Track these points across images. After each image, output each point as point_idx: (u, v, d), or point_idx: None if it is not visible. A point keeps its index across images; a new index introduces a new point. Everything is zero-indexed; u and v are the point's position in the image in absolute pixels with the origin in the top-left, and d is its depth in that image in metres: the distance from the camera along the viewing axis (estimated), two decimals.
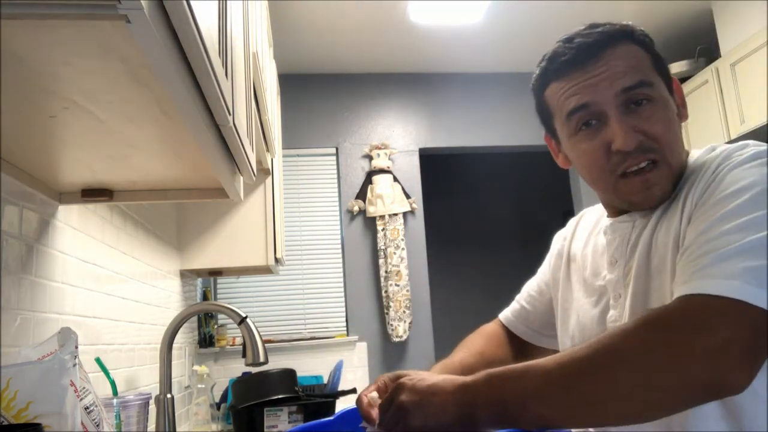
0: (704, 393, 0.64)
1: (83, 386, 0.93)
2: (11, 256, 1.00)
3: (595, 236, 0.98)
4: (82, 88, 0.68)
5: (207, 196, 1.21)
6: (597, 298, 0.93)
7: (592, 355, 0.66)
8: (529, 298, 1.14)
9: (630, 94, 0.83)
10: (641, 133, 0.82)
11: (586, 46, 0.85)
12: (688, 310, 0.66)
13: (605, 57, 0.84)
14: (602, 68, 0.83)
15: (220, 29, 0.78)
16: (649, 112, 0.82)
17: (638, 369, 0.64)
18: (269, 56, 2.27)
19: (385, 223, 3.60)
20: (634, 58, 0.85)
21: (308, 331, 3.55)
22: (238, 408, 1.82)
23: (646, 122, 0.82)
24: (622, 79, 0.82)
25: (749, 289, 0.63)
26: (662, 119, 0.83)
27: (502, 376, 0.70)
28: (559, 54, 0.88)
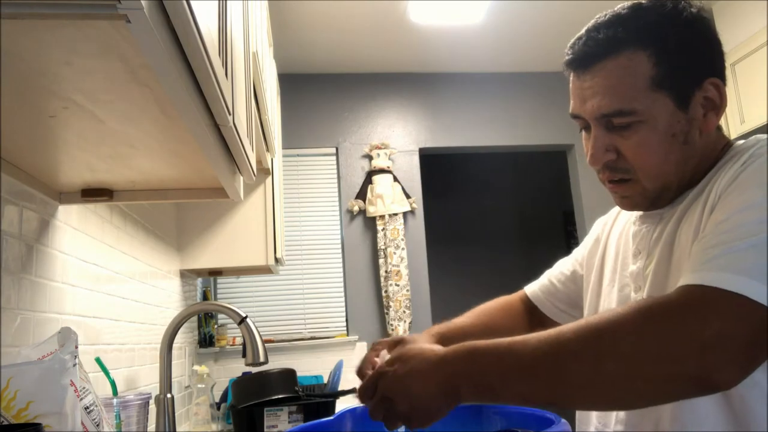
0: (690, 387, 0.62)
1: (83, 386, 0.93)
2: (11, 256, 1.00)
3: (629, 226, 0.96)
4: (82, 87, 0.68)
5: (207, 196, 1.21)
6: (620, 288, 0.92)
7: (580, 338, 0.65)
8: (561, 276, 1.13)
9: (607, 119, 0.82)
10: (615, 152, 0.84)
11: (583, 54, 0.84)
12: (687, 300, 0.64)
13: (594, 71, 0.82)
14: (589, 84, 0.83)
15: (220, 29, 0.78)
16: (628, 134, 0.82)
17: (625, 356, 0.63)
18: (269, 56, 2.27)
19: (385, 223, 3.60)
20: (625, 75, 0.80)
21: (308, 331, 3.55)
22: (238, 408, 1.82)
23: (623, 143, 0.82)
24: (600, 103, 0.82)
25: (755, 285, 0.61)
26: (640, 142, 0.81)
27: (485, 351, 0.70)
28: (570, 47, 0.87)
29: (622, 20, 0.82)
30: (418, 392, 0.71)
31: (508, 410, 0.88)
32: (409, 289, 3.55)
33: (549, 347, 0.66)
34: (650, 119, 0.80)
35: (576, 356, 0.65)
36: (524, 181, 5.65)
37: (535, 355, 0.66)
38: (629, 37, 0.80)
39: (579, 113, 0.86)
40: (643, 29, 0.81)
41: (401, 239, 3.61)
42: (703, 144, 0.84)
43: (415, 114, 3.91)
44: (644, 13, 0.82)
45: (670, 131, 0.81)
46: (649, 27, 0.81)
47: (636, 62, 0.80)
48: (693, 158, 0.83)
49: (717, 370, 0.60)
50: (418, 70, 3.91)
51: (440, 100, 3.94)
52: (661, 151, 0.81)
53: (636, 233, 0.92)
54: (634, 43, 0.80)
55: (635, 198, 0.86)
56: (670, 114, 0.80)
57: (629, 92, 0.80)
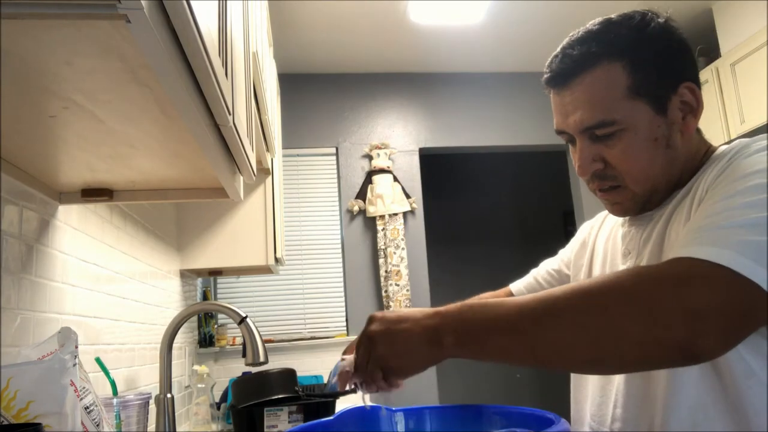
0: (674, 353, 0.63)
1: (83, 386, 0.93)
2: (11, 256, 1.00)
3: (617, 229, 0.99)
4: (82, 87, 0.68)
5: (207, 196, 1.21)
6: None
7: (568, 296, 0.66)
8: (547, 275, 1.15)
9: (590, 131, 0.85)
10: (601, 162, 0.87)
11: (560, 71, 0.87)
12: (674, 269, 0.65)
13: (572, 87, 0.86)
14: (569, 98, 0.86)
15: (220, 29, 0.78)
16: (612, 143, 0.85)
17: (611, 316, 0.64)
18: (269, 56, 2.27)
19: (385, 222, 3.60)
20: (603, 88, 0.83)
21: (308, 331, 3.55)
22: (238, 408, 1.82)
23: (608, 152, 0.85)
24: (582, 117, 0.85)
25: (741, 260, 0.62)
26: (626, 150, 0.84)
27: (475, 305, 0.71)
28: (548, 66, 0.90)
29: (595, 35, 0.85)
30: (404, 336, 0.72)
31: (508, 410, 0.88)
32: (409, 289, 3.55)
33: (537, 303, 0.68)
34: (631, 126, 0.83)
35: (561, 313, 0.66)
36: (524, 181, 5.65)
37: (521, 310, 0.68)
38: (603, 51, 0.84)
39: (563, 129, 0.89)
40: (615, 42, 0.84)
41: (401, 239, 3.61)
42: (686, 147, 0.87)
43: (415, 114, 3.91)
44: (615, 26, 0.85)
45: (651, 136, 0.84)
46: (621, 39, 0.84)
47: (612, 73, 0.83)
48: (678, 160, 0.86)
49: (701, 338, 0.61)
50: (418, 70, 3.91)
51: (440, 100, 3.94)
52: (646, 156, 0.84)
53: (625, 234, 0.94)
54: (608, 56, 0.83)
55: (626, 204, 0.89)
56: (649, 120, 0.83)
57: (608, 103, 0.83)
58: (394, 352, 0.73)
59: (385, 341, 0.73)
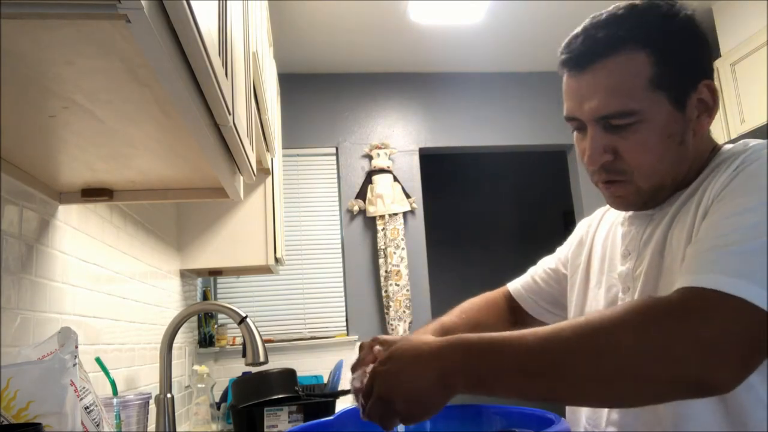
0: (690, 388, 0.62)
1: (83, 386, 0.93)
2: (11, 255, 1.00)
3: (617, 227, 0.96)
4: (82, 87, 0.68)
5: (207, 196, 1.21)
6: (607, 289, 0.93)
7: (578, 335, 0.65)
8: (544, 275, 1.13)
9: (606, 121, 0.82)
10: (612, 153, 0.83)
11: (580, 53, 0.83)
12: (687, 301, 0.64)
13: (594, 70, 0.81)
14: (587, 83, 0.82)
15: (220, 29, 0.78)
16: (627, 134, 0.81)
17: (624, 354, 0.62)
18: (269, 56, 2.27)
19: (385, 222, 3.60)
20: (626, 75, 0.79)
21: (308, 330, 3.55)
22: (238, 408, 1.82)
23: (621, 143, 0.82)
24: (600, 104, 0.81)
25: (754, 289, 0.61)
26: (641, 142, 0.81)
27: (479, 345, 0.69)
28: (566, 47, 0.86)
29: (621, 20, 0.82)
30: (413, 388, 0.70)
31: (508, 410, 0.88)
32: (409, 289, 3.55)
33: (547, 343, 0.66)
34: (649, 119, 0.80)
35: (574, 353, 0.64)
36: (524, 181, 5.65)
37: (531, 351, 0.66)
38: (629, 36, 0.80)
39: (575, 115, 0.85)
40: (643, 29, 0.80)
41: (401, 239, 3.61)
42: (696, 147, 0.84)
43: (415, 114, 3.91)
44: (642, 13, 0.82)
45: (667, 132, 0.81)
46: (648, 27, 0.80)
47: (636, 62, 0.79)
48: (686, 159, 0.84)
49: (717, 371, 0.60)
50: (418, 70, 3.91)
51: (440, 100, 3.94)
52: (659, 151, 0.81)
53: (625, 234, 0.92)
54: (633, 43, 0.79)
55: (629, 197, 0.86)
56: (667, 114, 0.80)
57: (629, 92, 0.79)
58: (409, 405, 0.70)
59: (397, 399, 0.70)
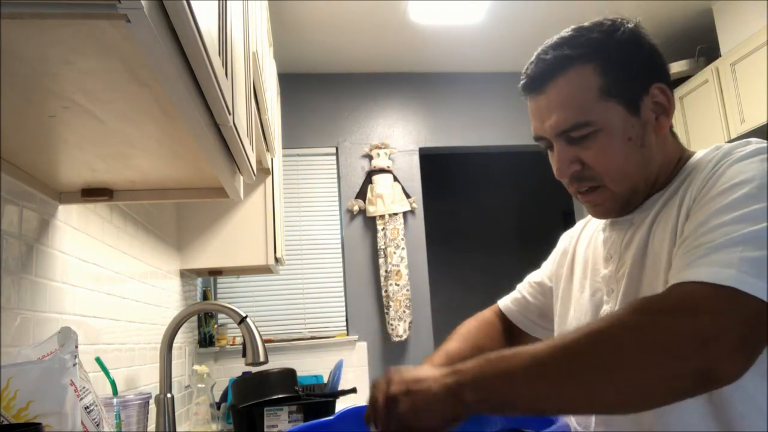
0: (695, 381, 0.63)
1: (83, 386, 0.93)
2: (11, 255, 1.01)
3: (597, 233, 1.00)
4: (81, 87, 0.68)
5: (207, 196, 1.21)
6: (592, 293, 0.95)
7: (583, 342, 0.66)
8: (531, 289, 1.16)
9: (567, 135, 0.87)
10: (579, 163, 0.88)
11: (534, 76, 0.90)
12: (680, 296, 0.66)
13: (547, 91, 0.88)
14: (544, 103, 0.89)
15: (220, 29, 0.78)
16: (588, 143, 0.86)
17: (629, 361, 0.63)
18: (269, 56, 2.27)
19: (385, 222, 3.60)
20: (576, 90, 0.85)
21: (308, 330, 3.55)
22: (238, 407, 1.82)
23: (584, 153, 0.87)
24: (558, 120, 0.87)
25: (744, 278, 0.63)
26: (602, 150, 0.85)
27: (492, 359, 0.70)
28: (524, 73, 0.93)
29: (567, 40, 0.88)
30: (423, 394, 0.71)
31: None
32: (409, 289, 3.55)
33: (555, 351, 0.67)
34: (605, 127, 0.85)
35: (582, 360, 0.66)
36: (524, 181, 5.65)
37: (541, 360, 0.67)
38: (575, 54, 0.86)
39: (541, 134, 0.91)
40: (587, 45, 0.87)
41: (401, 239, 3.61)
42: (662, 147, 0.89)
43: (415, 114, 3.91)
44: (586, 32, 0.88)
45: (625, 136, 0.85)
46: (592, 43, 0.87)
47: (584, 76, 0.86)
48: (654, 160, 0.87)
49: (720, 363, 0.61)
50: (418, 70, 3.91)
51: (440, 100, 3.94)
52: (621, 155, 0.85)
53: (606, 239, 0.95)
54: (579, 59, 0.86)
55: (607, 204, 0.90)
56: (623, 120, 0.85)
57: (582, 104, 0.85)
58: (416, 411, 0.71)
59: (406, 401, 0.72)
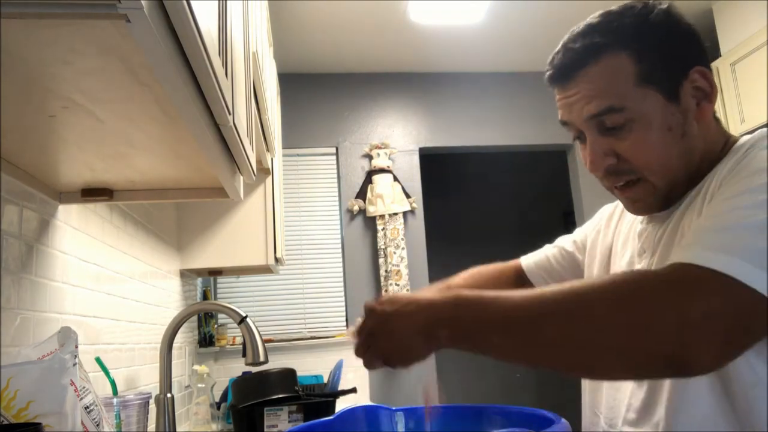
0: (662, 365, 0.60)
1: (83, 386, 0.93)
2: (11, 255, 1.00)
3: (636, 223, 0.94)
4: (81, 87, 0.68)
5: (207, 196, 1.21)
6: None
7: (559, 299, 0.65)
8: (559, 255, 1.12)
9: (598, 120, 0.82)
10: (614, 156, 0.83)
11: (562, 66, 0.84)
12: (675, 276, 0.62)
13: (578, 78, 0.82)
14: (574, 90, 0.83)
15: (220, 29, 0.78)
16: (624, 134, 0.81)
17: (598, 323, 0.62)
18: (269, 56, 2.27)
19: (385, 222, 3.60)
20: (610, 77, 0.80)
21: (308, 330, 3.55)
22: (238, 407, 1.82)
23: (619, 145, 0.82)
24: (590, 105, 0.81)
25: (746, 266, 0.59)
26: (637, 140, 0.80)
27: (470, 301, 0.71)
28: (549, 63, 0.87)
29: (596, 27, 0.83)
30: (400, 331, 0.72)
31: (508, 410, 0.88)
32: (409, 289, 3.55)
33: (529, 304, 0.67)
34: (643, 116, 0.79)
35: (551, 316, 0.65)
36: (524, 181, 5.65)
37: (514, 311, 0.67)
38: (607, 41, 0.81)
39: (568, 120, 0.86)
40: (619, 31, 0.81)
41: (401, 239, 3.61)
42: (704, 135, 0.82)
43: (415, 114, 3.91)
44: (616, 17, 0.83)
45: (665, 125, 0.80)
46: (624, 28, 0.81)
47: (618, 63, 0.80)
48: (696, 150, 0.82)
49: (694, 350, 0.58)
50: (418, 69, 3.91)
51: (440, 100, 3.94)
52: (661, 147, 0.80)
53: (641, 232, 0.90)
54: (612, 46, 0.81)
55: (647, 199, 0.84)
56: (662, 108, 0.80)
57: (617, 91, 0.80)
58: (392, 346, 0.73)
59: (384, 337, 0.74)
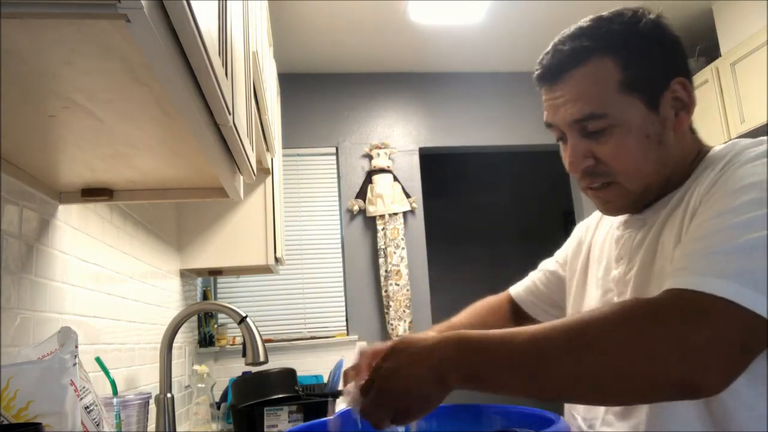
0: (673, 390, 0.63)
1: (83, 386, 0.93)
2: (11, 255, 1.00)
3: (612, 230, 0.97)
4: (81, 87, 0.68)
5: (207, 196, 1.21)
6: (603, 293, 0.94)
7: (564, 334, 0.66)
8: (543, 278, 1.15)
9: (580, 125, 0.84)
10: (593, 158, 0.85)
11: (550, 66, 0.87)
12: (673, 303, 0.64)
13: (565, 80, 0.85)
14: (560, 93, 0.86)
15: (220, 29, 0.78)
16: (604, 138, 0.83)
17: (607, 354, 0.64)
18: (269, 56, 2.27)
19: (385, 222, 3.60)
20: (594, 81, 0.83)
21: (308, 330, 3.55)
22: (238, 407, 1.82)
23: (599, 148, 0.84)
24: (573, 109, 0.84)
25: (741, 290, 0.61)
26: (618, 146, 0.82)
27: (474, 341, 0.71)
28: (539, 63, 0.89)
29: (586, 31, 0.85)
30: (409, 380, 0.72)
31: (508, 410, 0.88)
32: (409, 289, 3.55)
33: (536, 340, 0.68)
34: (623, 122, 0.82)
35: (559, 352, 0.66)
36: (524, 181, 5.65)
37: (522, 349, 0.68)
38: (594, 46, 0.83)
39: (552, 122, 0.88)
40: (607, 37, 0.83)
41: (401, 239, 3.61)
42: (679, 145, 0.85)
43: (415, 113, 3.91)
44: (606, 23, 0.85)
45: (644, 132, 0.82)
46: (613, 35, 0.83)
47: (603, 68, 0.83)
48: (670, 158, 0.85)
49: (701, 374, 0.60)
50: (418, 69, 3.91)
51: (440, 100, 3.94)
52: (639, 153, 0.83)
53: (619, 238, 0.93)
54: (599, 51, 0.83)
55: (618, 201, 0.88)
56: (642, 116, 0.82)
57: (600, 97, 0.82)
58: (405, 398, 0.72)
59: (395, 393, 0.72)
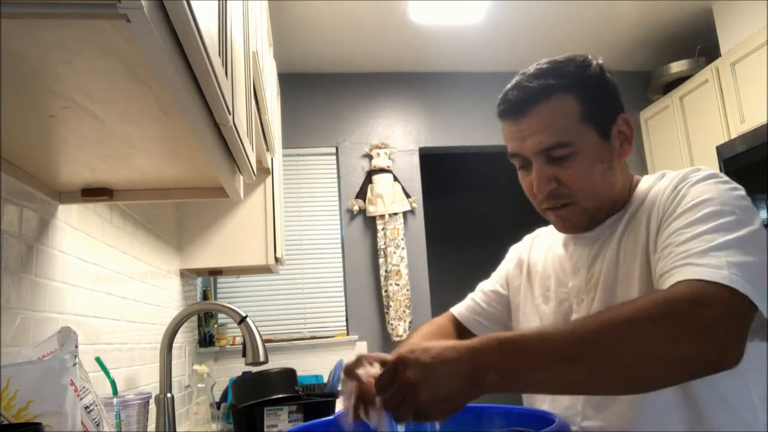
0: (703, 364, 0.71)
1: (83, 385, 0.93)
2: (11, 255, 1.01)
3: (554, 248, 1.10)
4: (81, 87, 0.68)
5: (207, 196, 1.22)
6: (557, 304, 1.04)
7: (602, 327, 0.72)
8: (485, 297, 1.23)
9: (547, 153, 0.95)
10: (556, 182, 0.96)
11: (518, 101, 0.97)
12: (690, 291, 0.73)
13: (531, 114, 0.96)
14: (527, 125, 0.96)
15: (220, 29, 0.78)
16: (567, 164, 0.95)
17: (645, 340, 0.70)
18: (269, 56, 2.27)
19: (385, 222, 3.60)
20: (559, 114, 0.94)
21: (308, 330, 3.55)
22: (238, 407, 1.82)
23: (563, 173, 0.96)
24: (541, 139, 0.94)
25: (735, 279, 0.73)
26: (579, 170, 0.95)
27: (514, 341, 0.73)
28: (504, 99, 1.00)
29: (548, 71, 0.97)
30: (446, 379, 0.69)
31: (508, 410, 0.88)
32: (409, 289, 3.55)
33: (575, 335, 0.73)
34: (584, 149, 0.94)
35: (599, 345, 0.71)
36: None
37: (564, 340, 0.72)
38: (557, 84, 0.95)
39: (519, 151, 0.98)
40: (567, 76, 0.96)
41: (401, 239, 3.61)
42: (622, 172, 1.00)
43: (415, 113, 3.91)
44: (563, 65, 0.98)
45: (599, 159, 0.95)
46: (571, 74, 0.96)
47: (566, 103, 0.95)
48: (617, 183, 0.99)
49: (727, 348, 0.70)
50: (418, 69, 3.91)
51: (440, 100, 3.94)
52: (596, 176, 0.95)
53: (572, 253, 1.05)
54: (561, 88, 0.95)
55: (575, 219, 0.99)
56: (597, 144, 0.95)
57: (565, 127, 0.94)
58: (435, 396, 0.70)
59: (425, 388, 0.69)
